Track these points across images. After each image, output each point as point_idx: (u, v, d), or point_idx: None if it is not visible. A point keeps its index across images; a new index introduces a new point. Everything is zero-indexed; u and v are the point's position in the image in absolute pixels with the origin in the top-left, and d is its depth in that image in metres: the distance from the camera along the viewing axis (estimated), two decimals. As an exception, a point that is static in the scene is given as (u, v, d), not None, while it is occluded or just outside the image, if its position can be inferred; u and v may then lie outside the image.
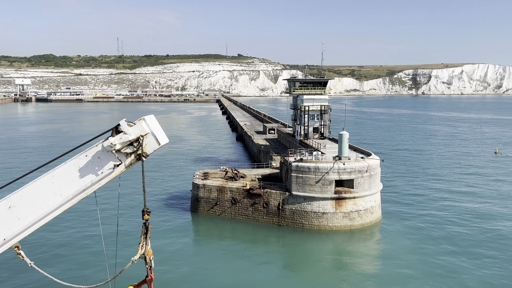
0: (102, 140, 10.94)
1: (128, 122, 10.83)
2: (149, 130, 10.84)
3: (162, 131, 11.33)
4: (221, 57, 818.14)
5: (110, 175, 11.15)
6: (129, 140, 10.68)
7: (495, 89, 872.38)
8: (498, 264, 43.06)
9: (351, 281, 40.34)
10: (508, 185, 75.71)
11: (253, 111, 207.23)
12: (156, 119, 11.25)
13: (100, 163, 11.02)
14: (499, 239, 50.03)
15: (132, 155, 11.03)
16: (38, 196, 10.95)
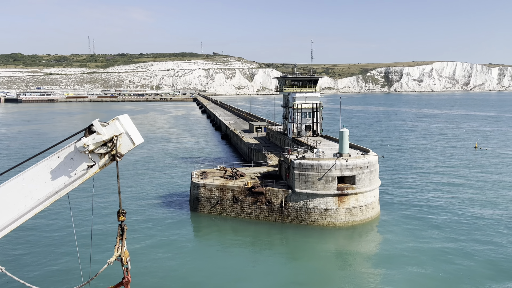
0: (75, 141, 10.73)
1: (102, 122, 10.66)
2: (123, 130, 10.66)
3: (137, 130, 11.13)
4: (196, 55, 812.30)
5: (84, 176, 10.94)
6: (102, 140, 10.51)
7: (463, 86, 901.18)
8: (488, 247, 44.85)
9: (355, 276, 41.08)
10: (492, 175, 78.69)
11: (235, 110, 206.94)
12: (130, 118, 11.11)
13: (73, 164, 10.80)
14: (491, 224, 52.06)
15: (106, 156, 10.86)
16: (8, 199, 10.68)
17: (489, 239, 48.92)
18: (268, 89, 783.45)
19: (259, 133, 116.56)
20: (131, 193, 70.38)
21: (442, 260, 43.14)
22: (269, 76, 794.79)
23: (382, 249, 47.90)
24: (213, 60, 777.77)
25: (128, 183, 77.37)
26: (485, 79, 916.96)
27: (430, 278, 39.41)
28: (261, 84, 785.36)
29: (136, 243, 47.82)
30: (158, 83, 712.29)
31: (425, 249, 46.27)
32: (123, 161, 67.37)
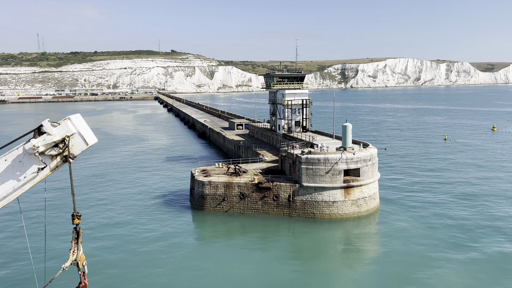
0: (23, 143, 10.16)
1: (52, 123, 10.20)
2: (76, 130, 10.17)
3: (90, 130, 10.69)
4: (154, 53, 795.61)
5: (34, 179, 10.43)
6: (53, 141, 10.01)
7: (415, 81, 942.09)
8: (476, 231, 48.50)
9: (364, 265, 43.04)
10: (459, 166, 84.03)
11: (206, 108, 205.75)
12: (83, 118, 10.69)
13: (22, 167, 10.24)
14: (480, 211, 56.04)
15: (58, 157, 10.37)
16: None
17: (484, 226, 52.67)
18: (229, 87, 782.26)
19: (240, 131, 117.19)
20: (123, 195, 69.18)
21: (443, 239, 46.09)
22: (229, 74, 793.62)
23: (386, 237, 50.18)
24: (171, 58, 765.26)
25: (118, 185, 75.88)
26: (434, 75, 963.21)
27: (441, 260, 42.10)
28: (221, 81, 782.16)
29: (143, 246, 47.37)
30: (115, 81, 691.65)
31: (427, 233, 49.19)
32: (106, 163, 67.67)
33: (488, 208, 58.21)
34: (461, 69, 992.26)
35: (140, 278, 39.40)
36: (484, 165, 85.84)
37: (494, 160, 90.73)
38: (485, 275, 38.94)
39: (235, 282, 38.88)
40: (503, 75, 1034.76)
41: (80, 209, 59.51)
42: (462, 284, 37.38)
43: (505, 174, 78.04)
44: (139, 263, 42.75)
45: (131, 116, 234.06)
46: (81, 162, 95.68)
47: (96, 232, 51.70)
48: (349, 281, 39.56)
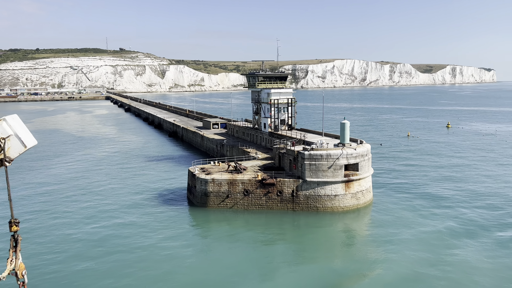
0: None
1: None
2: (12, 131, 9.64)
3: (29, 132, 10.23)
4: (101, 51, 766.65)
5: None
6: None
7: (361, 82, 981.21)
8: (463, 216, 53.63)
9: (366, 254, 46.23)
10: (431, 159, 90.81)
11: (170, 108, 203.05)
12: (20, 119, 10.21)
13: None
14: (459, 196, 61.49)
15: None
16: None
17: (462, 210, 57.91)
18: (181, 86, 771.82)
19: (216, 130, 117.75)
20: (115, 197, 68.12)
21: (434, 226, 50.47)
22: (181, 73, 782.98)
23: (384, 226, 53.72)
24: (120, 56, 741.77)
25: (106, 187, 74.36)
26: (379, 75, 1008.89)
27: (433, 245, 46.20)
28: (173, 81, 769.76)
29: (150, 247, 47.45)
30: (60, 81, 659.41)
31: (417, 219, 53.41)
32: (83, 165, 67.19)
33: (463, 188, 63.90)
34: (403, 70, 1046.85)
35: (151, 276, 39.80)
36: (448, 156, 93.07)
37: (456, 153, 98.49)
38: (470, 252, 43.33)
39: (242, 275, 40.30)
40: (440, 76, 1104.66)
41: (68, 212, 58.14)
42: (455, 264, 41.37)
43: (470, 162, 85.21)
44: (151, 263, 42.97)
45: (89, 117, 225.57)
46: (52, 164, 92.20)
47: (101, 234, 50.97)
48: (353, 270, 41.50)
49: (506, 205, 59.45)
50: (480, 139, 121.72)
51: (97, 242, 48.06)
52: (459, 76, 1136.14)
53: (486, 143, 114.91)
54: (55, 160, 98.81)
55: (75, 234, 50.85)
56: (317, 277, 39.42)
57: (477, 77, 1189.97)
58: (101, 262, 42.67)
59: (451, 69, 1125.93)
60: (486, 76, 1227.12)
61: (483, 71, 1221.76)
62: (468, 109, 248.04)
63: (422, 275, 38.98)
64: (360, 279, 38.96)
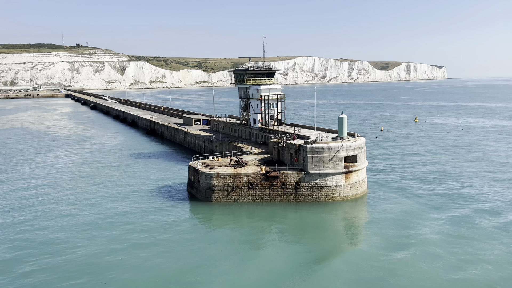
0: None
1: None
2: None
3: None
4: (57, 47, 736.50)
5: None
6: None
7: (321, 78, 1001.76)
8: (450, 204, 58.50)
9: (366, 239, 49.66)
10: (409, 150, 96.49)
11: (141, 105, 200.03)
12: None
13: None
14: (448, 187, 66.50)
15: None
16: None
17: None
18: (142, 83, 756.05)
19: (198, 126, 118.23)
20: (113, 197, 67.96)
21: (421, 208, 54.79)
22: (142, 70, 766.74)
23: (382, 213, 57.36)
24: (77, 52, 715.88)
25: (100, 185, 73.75)
26: (338, 72, 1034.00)
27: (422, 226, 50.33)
28: (133, 77, 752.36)
29: (160, 242, 48.29)
30: (13, 77, 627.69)
31: (410, 206, 57.59)
32: (66, 165, 67.80)
33: (441, 174, 69.03)
34: (361, 68, 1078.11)
35: (162, 268, 41.14)
36: (423, 147, 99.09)
37: (429, 144, 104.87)
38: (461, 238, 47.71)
39: (247, 265, 42.43)
40: (396, 73, 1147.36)
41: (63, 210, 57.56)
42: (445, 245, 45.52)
43: (444, 152, 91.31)
44: (162, 258, 44.12)
45: (55, 115, 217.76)
46: (32, 165, 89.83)
47: (115, 234, 51.21)
48: (353, 255, 44.25)
49: (486, 191, 64.90)
50: (448, 132, 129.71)
51: (112, 243, 48.35)
52: (413, 73, 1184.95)
53: (455, 135, 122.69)
54: (35, 161, 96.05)
55: (70, 238, 50.75)
56: (323, 266, 42.06)
57: (430, 74, 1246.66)
58: (122, 259, 43.23)
59: (406, 66, 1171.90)
60: (438, 73, 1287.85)
61: (435, 68, 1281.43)
62: (428, 104, 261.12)
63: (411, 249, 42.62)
64: (363, 265, 41.90)
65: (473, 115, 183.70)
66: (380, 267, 40.13)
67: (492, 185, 68.57)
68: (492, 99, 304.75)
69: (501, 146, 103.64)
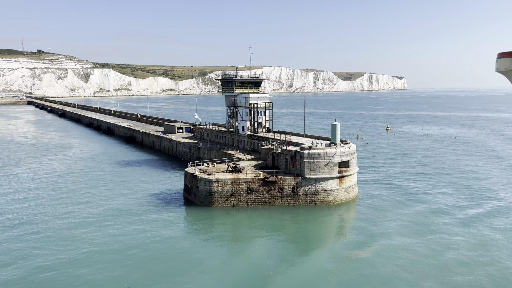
0: None
1: None
2: None
3: None
4: (17, 52, 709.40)
5: None
6: None
7: (288, 88, 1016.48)
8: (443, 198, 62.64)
9: (361, 239, 52.62)
10: (388, 156, 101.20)
11: (114, 112, 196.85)
12: None
13: None
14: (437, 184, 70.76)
15: None
16: None
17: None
18: (107, 91, 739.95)
19: (181, 134, 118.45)
20: (109, 207, 67.66)
21: (410, 209, 58.48)
22: (107, 77, 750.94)
23: (373, 213, 60.41)
24: (39, 58, 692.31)
25: (94, 196, 73.04)
26: (304, 82, 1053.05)
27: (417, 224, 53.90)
28: (98, 85, 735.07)
29: (163, 250, 49.06)
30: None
31: (397, 206, 61.16)
32: (50, 175, 68.68)
33: (424, 178, 73.42)
34: (326, 78, 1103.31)
35: (167, 273, 42.29)
36: (400, 154, 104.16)
37: (405, 150, 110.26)
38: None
39: (250, 265, 44.32)
40: (359, 84, 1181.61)
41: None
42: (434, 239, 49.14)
43: (418, 157, 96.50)
44: (166, 265, 45.13)
45: (22, 123, 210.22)
46: (14, 173, 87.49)
47: (114, 242, 51.34)
48: (349, 255, 47.22)
49: (466, 189, 69.62)
50: (420, 139, 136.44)
51: (117, 249, 48.51)
52: (375, 83, 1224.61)
53: (426, 142, 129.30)
54: (13, 171, 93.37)
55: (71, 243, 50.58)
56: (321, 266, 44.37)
57: (391, 84, 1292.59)
58: (119, 267, 43.68)
59: (368, 76, 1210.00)
60: (398, 83, 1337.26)
61: (396, 79, 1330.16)
62: (395, 113, 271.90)
63: (407, 248, 45.79)
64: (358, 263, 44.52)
65: (439, 124, 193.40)
66: (380, 268, 42.75)
67: (463, 190, 73.53)
68: (454, 109, 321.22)
69: (471, 152, 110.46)
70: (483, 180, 79.72)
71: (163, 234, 51.71)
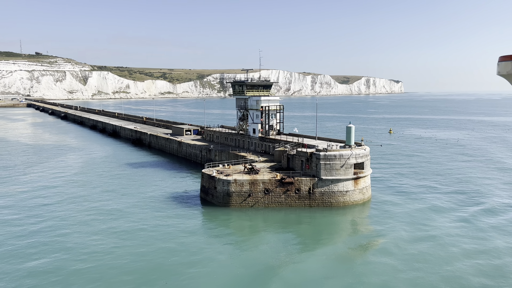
0: None
1: None
2: None
3: None
4: (15, 55, 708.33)
5: None
6: None
7: (285, 91, 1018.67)
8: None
9: (378, 238, 53.90)
10: (397, 158, 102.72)
11: (119, 115, 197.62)
12: None
13: None
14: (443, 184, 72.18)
15: None
16: None
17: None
18: (105, 93, 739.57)
19: (190, 136, 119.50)
20: (129, 207, 68.68)
21: (422, 205, 59.86)
22: (105, 80, 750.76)
23: (387, 214, 61.61)
24: (37, 61, 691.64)
25: (116, 194, 73.99)
26: (302, 86, 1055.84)
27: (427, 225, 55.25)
28: (96, 87, 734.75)
29: (184, 251, 50.16)
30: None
31: (411, 207, 62.54)
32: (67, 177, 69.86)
33: (431, 179, 74.86)
34: (323, 81, 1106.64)
35: (189, 268, 43.40)
36: (405, 156, 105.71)
37: (408, 154, 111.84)
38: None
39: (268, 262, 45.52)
40: (356, 87, 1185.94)
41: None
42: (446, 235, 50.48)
43: (425, 162, 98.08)
44: (186, 262, 46.24)
45: (25, 125, 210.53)
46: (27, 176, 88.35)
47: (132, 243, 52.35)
48: (366, 254, 48.76)
49: (477, 192, 71.10)
50: (424, 142, 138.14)
51: (134, 252, 49.53)
52: (372, 87, 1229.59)
53: (431, 145, 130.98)
54: (32, 171, 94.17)
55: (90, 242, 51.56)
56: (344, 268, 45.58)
57: (388, 88, 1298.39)
58: (140, 264, 44.73)
59: (365, 80, 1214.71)
60: (395, 87, 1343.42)
61: (393, 82, 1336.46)
62: (396, 116, 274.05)
63: (417, 247, 47.11)
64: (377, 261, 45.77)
65: (441, 127, 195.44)
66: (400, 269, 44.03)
67: (486, 187, 75.00)
68: (454, 113, 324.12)
69: (475, 156, 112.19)
70: (495, 187, 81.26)
71: (186, 232, 52.80)
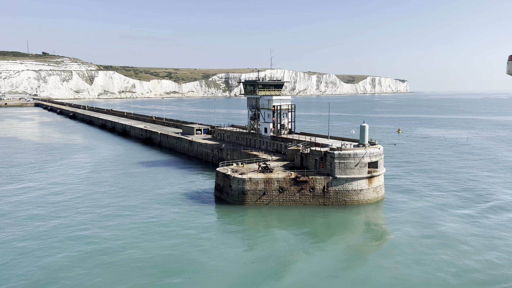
0: None
1: None
2: None
3: None
4: (22, 55, 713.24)
5: None
6: None
7: (291, 91, 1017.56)
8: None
9: (392, 237, 54.28)
10: (407, 157, 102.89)
11: (127, 114, 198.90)
12: None
13: None
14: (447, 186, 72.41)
15: None
16: None
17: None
18: (111, 93, 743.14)
19: (200, 135, 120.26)
20: (145, 205, 69.49)
21: (432, 205, 60.19)
22: (111, 79, 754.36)
23: (401, 213, 62.04)
24: (44, 61, 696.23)
25: (131, 192, 74.87)
26: (307, 85, 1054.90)
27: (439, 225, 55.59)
28: (102, 87, 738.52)
29: (199, 247, 50.94)
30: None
31: (424, 206, 62.82)
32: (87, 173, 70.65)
33: (440, 178, 75.10)
34: (329, 81, 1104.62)
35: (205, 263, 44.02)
36: (416, 155, 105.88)
37: (419, 153, 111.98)
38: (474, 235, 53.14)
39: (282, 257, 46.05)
40: (361, 86, 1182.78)
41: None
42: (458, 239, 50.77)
43: (437, 162, 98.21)
44: (203, 257, 46.87)
45: (36, 124, 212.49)
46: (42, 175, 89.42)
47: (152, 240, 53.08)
48: (380, 253, 49.18)
49: (488, 192, 71.27)
50: (433, 141, 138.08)
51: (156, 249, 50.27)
52: (378, 86, 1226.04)
53: (441, 144, 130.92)
54: (47, 169, 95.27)
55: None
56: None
57: (393, 88, 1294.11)
58: (162, 261, 45.43)
59: (371, 79, 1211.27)
60: (401, 86, 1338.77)
61: (398, 82, 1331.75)
62: (403, 116, 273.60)
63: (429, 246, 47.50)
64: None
65: (449, 127, 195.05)
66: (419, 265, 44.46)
67: (493, 186, 75.15)
68: (461, 112, 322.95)
69: (487, 154, 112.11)
70: (507, 187, 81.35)
71: (203, 228, 53.50)
